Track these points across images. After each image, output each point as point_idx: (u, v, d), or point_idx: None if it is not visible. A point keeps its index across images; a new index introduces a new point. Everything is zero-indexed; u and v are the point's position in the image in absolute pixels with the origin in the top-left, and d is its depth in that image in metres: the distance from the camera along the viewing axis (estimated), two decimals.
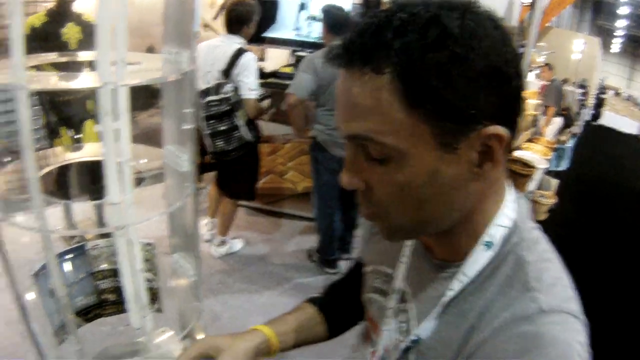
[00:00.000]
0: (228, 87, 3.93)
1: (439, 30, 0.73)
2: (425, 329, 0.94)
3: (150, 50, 3.99)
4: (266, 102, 4.44)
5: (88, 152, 1.89)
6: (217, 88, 3.92)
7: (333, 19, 4.02)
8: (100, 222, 4.74)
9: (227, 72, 4.03)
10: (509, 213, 0.91)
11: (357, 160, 0.84)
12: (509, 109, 0.80)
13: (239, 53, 4.04)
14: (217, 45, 4.14)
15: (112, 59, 1.14)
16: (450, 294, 0.90)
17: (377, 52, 0.75)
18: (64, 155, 1.71)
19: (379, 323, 1.10)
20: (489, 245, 0.89)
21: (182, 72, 1.34)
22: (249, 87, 4.06)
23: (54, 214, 1.29)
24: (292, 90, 3.92)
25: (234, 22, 4.17)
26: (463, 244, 0.91)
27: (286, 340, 1.28)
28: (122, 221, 1.22)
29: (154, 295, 1.87)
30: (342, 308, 1.41)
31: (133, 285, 1.39)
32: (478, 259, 0.89)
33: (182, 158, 1.43)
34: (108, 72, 1.10)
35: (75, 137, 4.11)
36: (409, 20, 0.75)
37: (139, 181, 1.42)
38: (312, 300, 1.42)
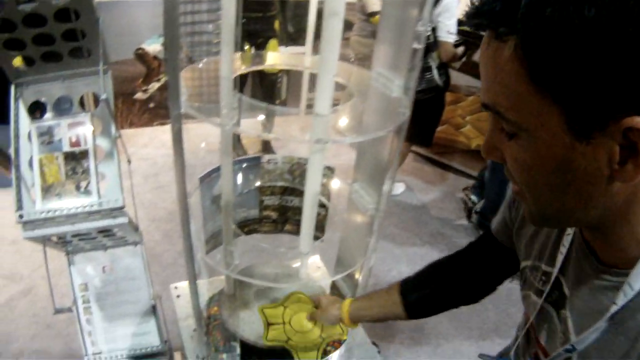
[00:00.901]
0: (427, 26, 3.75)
1: None
2: (582, 341, 0.87)
3: None
4: (461, 49, 4.25)
5: (272, 62, 1.81)
6: None
7: None
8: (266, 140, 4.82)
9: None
10: None
11: (495, 131, 0.78)
12: None
13: None
14: None
15: None
16: (613, 309, 0.80)
17: (503, 16, 0.66)
18: (242, 66, 1.64)
19: (535, 325, 1.06)
20: None
21: None
22: (448, 29, 3.90)
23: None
24: None
25: None
26: (628, 249, 0.80)
27: (361, 316, 1.52)
28: (325, 134, 1.10)
29: (321, 223, 1.80)
30: (430, 296, 1.43)
31: (312, 207, 1.28)
32: None
33: (395, 83, 1.28)
34: None
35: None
36: None
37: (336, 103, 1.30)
38: (403, 284, 1.46)
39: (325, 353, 1.60)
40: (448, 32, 3.91)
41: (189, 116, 1.12)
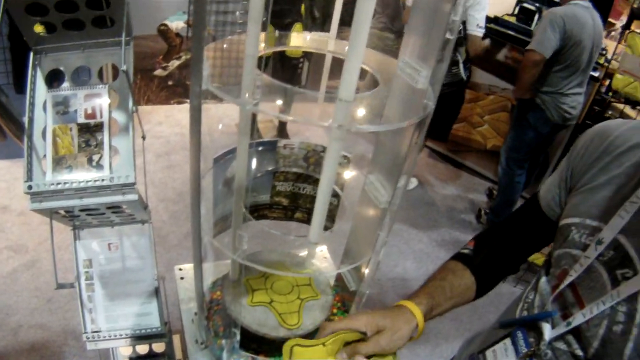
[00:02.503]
0: None
1: None
2: None
3: None
4: (487, 42, 4.25)
5: (295, 43, 1.78)
6: None
7: None
8: (281, 123, 4.84)
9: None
10: None
11: None
12: None
13: None
14: None
15: None
16: None
17: None
18: (268, 47, 1.62)
19: (577, 282, 1.09)
20: None
21: None
22: (478, 23, 3.90)
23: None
24: (537, 47, 3.66)
25: None
26: None
27: (433, 314, 1.32)
28: (347, 120, 1.07)
29: (332, 213, 1.78)
30: (495, 267, 1.42)
31: (326, 195, 1.27)
32: None
33: (421, 74, 1.25)
34: None
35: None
36: None
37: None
38: (466, 260, 1.42)
39: None
40: (478, 26, 3.92)
41: (207, 95, 1.10)
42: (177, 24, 5.21)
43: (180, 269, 1.89)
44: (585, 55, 3.70)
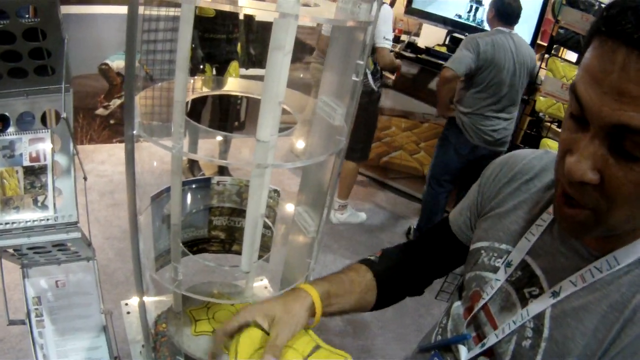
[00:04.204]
0: None
1: None
2: (561, 298, 1.00)
3: None
4: (399, 61, 4.44)
5: (230, 87, 1.87)
6: None
7: (505, 8, 3.88)
8: (222, 158, 4.87)
9: None
10: None
11: (599, 152, 0.80)
12: None
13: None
14: None
15: None
16: (597, 273, 0.95)
17: None
18: (202, 89, 1.71)
19: (489, 303, 1.14)
20: None
21: (359, 21, 1.26)
22: (384, 35, 4.06)
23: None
24: (449, 64, 3.84)
25: None
26: (624, 240, 0.94)
27: (330, 305, 1.27)
28: (265, 160, 1.17)
29: (266, 243, 1.85)
30: (397, 280, 1.42)
31: (253, 228, 1.35)
32: (635, 251, 0.92)
33: (337, 111, 1.36)
34: (290, 3, 1.03)
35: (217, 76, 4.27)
36: None
37: (285, 128, 1.37)
38: (369, 264, 1.41)
39: None
40: (384, 38, 4.06)
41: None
42: (117, 63, 5.22)
43: (127, 304, 1.93)
44: (506, 80, 3.84)
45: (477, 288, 1.18)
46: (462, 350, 1.16)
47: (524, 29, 4.53)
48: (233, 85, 1.88)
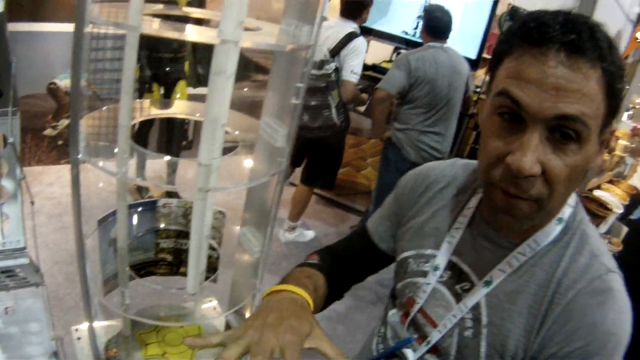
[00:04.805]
0: (331, 65, 3.94)
1: (610, 39, 0.90)
2: (492, 286, 1.09)
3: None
4: (365, 95, 4.42)
5: (177, 109, 1.88)
6: (320, 64, 3.89)
7: (434, 22, 3.93)
8: (170, 182, 4.84)
9: (336, 52, 4.05)
10: (574, 194, 1.07)
11: (539, 144, 0.90)
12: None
13: (352, 36, 4.06)
14: (330, 26, 4.14)
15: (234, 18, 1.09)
16: (521, 258, 1.06)
17: (592, 49, 0.87)
18: (150, 110, 1.71)
19: (424, 306, 1.20)
20: (560, 220, 1.06)
21: (299, 45, 1.28)
22: (352, 69, 4.06)
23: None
24: (382, 84, 3.88)
25: (353, 8, 4.16)
26: (540, 224, 1.06)
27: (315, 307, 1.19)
28: (207, 183, 1.18)
29: (213, 265, 1.85)
30: (340, 281, 1.42)
31: (198, 250, 1.35)
32: (550, 232, 1.06)
33: (279, 133, 1.38)
34: (231, 30, 1.05)
35: (165, 96, 4.22)
36: (595, 25, 0.89)
37: (229, 149, 1.39)
38: (316, 267, 1.36)
39: None
40: (352, 72, 4.06)
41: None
42: (66, 82, 5.08)
43: (77, 329, 1.90)
44: (440, 94, 3.87)
45: (411, 294, 1.24)
46: (409, 353, 1.21)
47: (470, 43, 4.64)
48: (179, 107, 1.89)
